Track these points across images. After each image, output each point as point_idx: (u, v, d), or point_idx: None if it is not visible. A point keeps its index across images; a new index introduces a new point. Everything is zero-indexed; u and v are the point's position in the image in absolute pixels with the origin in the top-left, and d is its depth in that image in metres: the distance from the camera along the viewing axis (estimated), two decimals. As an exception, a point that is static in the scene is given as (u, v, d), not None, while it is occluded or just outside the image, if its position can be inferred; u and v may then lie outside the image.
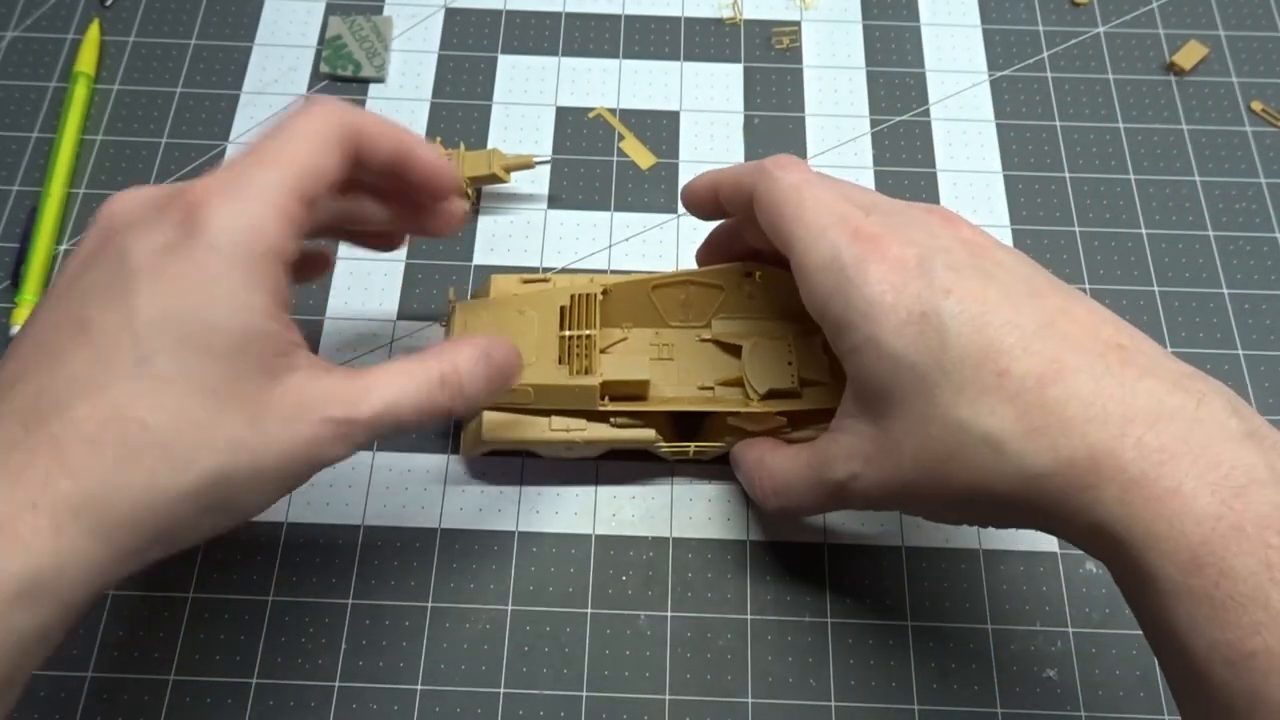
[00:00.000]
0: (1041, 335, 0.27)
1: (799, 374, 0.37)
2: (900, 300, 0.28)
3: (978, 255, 0.29)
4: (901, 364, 0.28)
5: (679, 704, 0.36)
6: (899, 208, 0.31)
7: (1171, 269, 0.45)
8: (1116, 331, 0.28)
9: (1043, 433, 0.26)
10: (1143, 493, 0.24)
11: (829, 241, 0.29)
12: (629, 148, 0.48)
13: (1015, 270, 0.29)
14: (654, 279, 0.38)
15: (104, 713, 0.36)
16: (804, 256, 0.30)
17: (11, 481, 0.22)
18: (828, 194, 0.31)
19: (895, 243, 0.29)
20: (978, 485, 0.27)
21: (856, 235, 0.29)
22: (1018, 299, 0.28)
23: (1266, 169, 0.47)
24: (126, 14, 0.51)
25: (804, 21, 0.51)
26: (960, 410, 0.27)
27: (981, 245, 0.30)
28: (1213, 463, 0.24)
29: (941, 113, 0.49)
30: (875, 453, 0.29)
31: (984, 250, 0.29)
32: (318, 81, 0.49)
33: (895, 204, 0.32)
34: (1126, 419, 0.25)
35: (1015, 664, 0.37)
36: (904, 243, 0.29)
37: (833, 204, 0.30)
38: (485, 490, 0.40)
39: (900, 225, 0.30)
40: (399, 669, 0.37)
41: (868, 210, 0.31)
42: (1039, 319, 0.27)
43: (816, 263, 0.30)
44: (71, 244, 0.45)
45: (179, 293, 0.24)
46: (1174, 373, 0.27)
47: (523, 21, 0.51)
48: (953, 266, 0.28)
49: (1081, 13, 0.52)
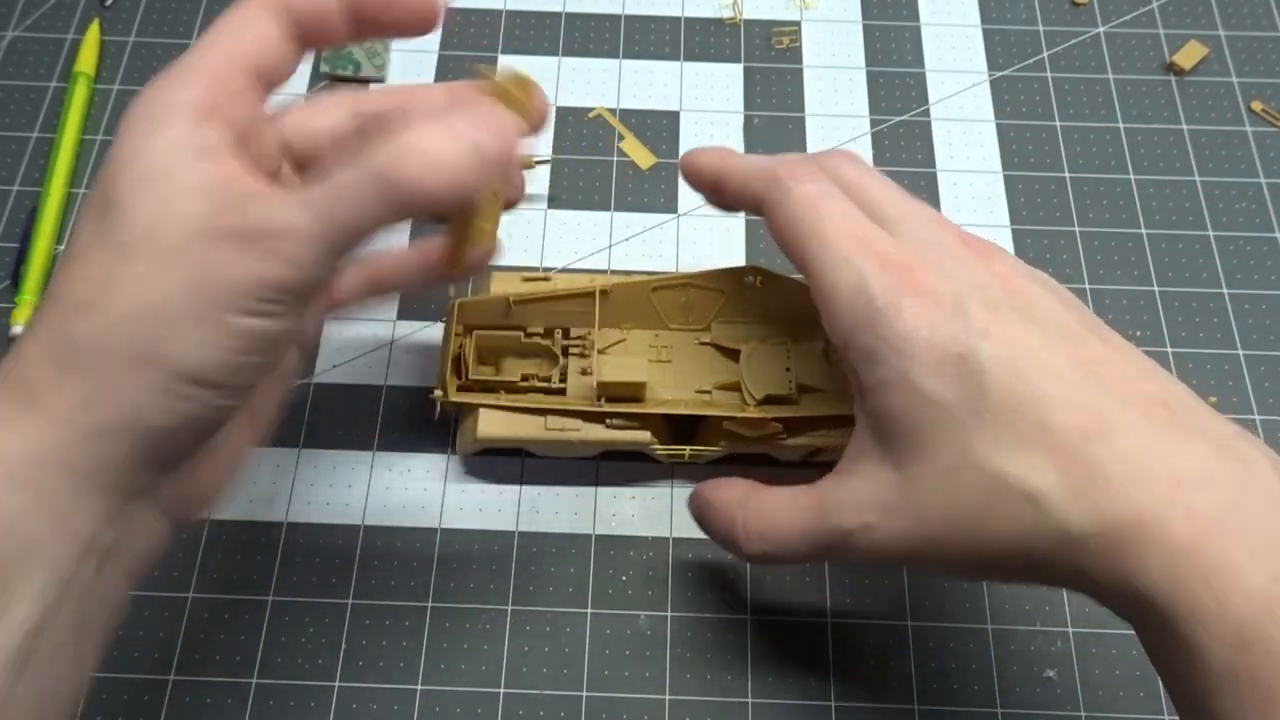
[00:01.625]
0: (1083, 386, 0.25)
1: (797, 380, 0.37)
2: (936, 338, 0.26)
3: (1014, 293, 0.27)
4: (935, 405, 0.26)
5: (679, 704, 0.36)
6: (922, 223, 0.29)
7: (1171, 269, 0.45)
8: (1160, 387, 0.26)
9: (1086, 492, 0.24)
10: (1190, 562, 0.23)
11: (853, 268, 0.27)
12: (629, 148, 0.48)
13: (1053, 311, 0.28)
14: (654, 280, 0.38)
15: (104, 713, 0.36)
16: (826, 281, 0.28)
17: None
18: (848, 210, 0.29)
19: (927, 274, 0.27)
20: (1012, 544, 0.25)
21: (884, 263, 0.27)
22: (1057, 343, 0.26)
23: (1266, 169, 0.47)
24: (126, 14, 0.51)
25: (804, 21, 0.51)
26: (997, 460, 0.25)
27: (1017, 282, 0.28)
28: (1263, 535, 0.23)
29: (941, 113, 0.49)
30: (897, 502, 0.27)
31: (1020, 288, 0.28)
32: (318, 81, 0.49)
33: (918, 215, 0.30)
34: (1174, 483, 0.24)
35: (1015, 664, 0.37)
36: (937, 274, 0.27)
37: (854, 224, 0.28)
38: (485, 490, 0.40)
39: (930, 253, 0.28)
40: (399, 669, 0.37)
41: (892, 228, 0.29)
42: (1080, 368, 0.26)
43: (841, 290, 0.28)
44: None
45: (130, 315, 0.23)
46: (1220, 434, 0.25)
47: (523, 21, 0.51)
48: (989, 305, 0.27)
49: (1081, 13, 0.52)
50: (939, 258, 0.28)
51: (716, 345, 0.39)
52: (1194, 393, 0.27)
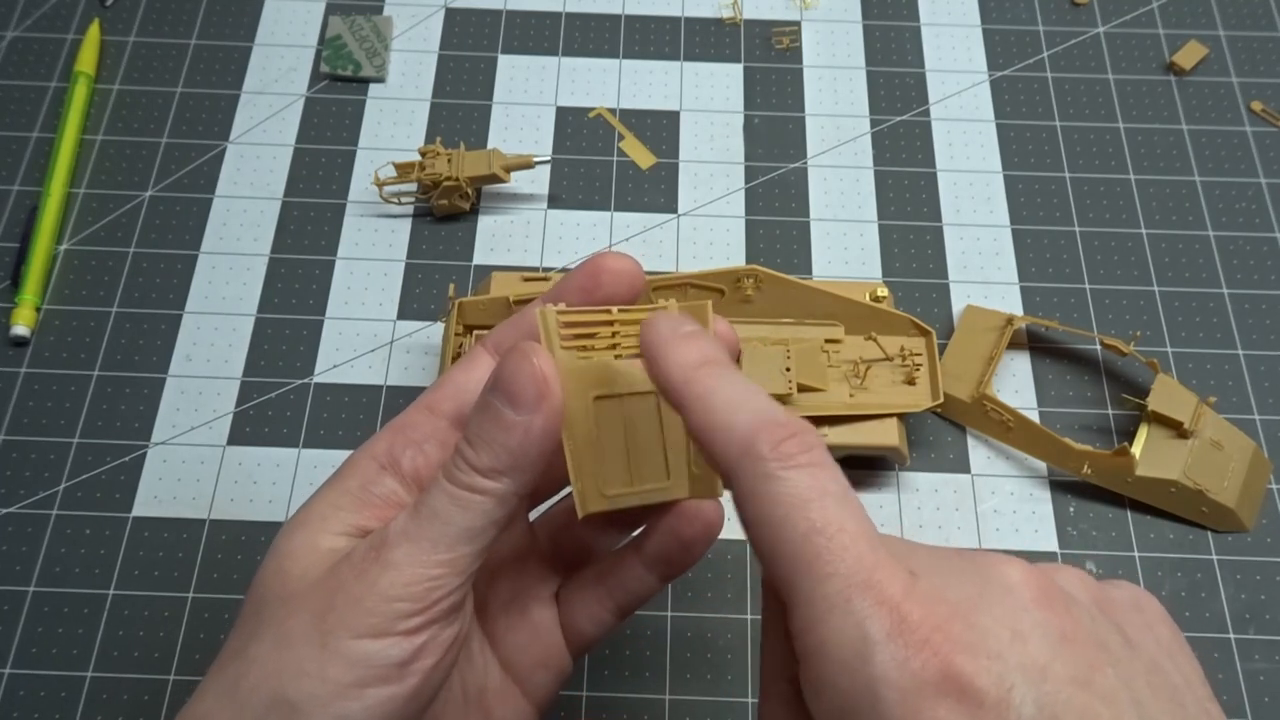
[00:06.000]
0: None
1: (797, 380, 0.37)
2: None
3: (1089, 684, 0.19)
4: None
5: (679, 704, 0.36)
6: (952, 560, 0.21)
7: (1171, 269, 0.45)
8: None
9: None
10: None
11: (853, 618, 0.19)
12: (629, 148, 0.48)
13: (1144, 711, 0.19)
14: (654, 280, 0.38)
15: (104, 713, 0.36)
16: (813, 629, 0.19)
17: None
18: (860, 522, 0.20)
19: (961, 649, 0.18)
20: None
21: (900, 623, 0.19)
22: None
23: (1266, 169, 0.47)
24: (126, 14, 0.51)
25: (804, 21, 0.51)
26: None
27: (1096, 661, 0.19)
28: None
29: (941, 113, 0.49)
30: None
31: (1099, 671, 0.19)
32: (318, 81, 0.49)
33: (946, 554, 0.21)
34: None
35: (1015, 664, 0.37)
36: (976, 650, 0.18)
37: (865, 549, 0.20)
38: (485, 490, 0.40)
39: (966, 599, 0.19)
40: (399, 669, 0.37)
41: (908, 562, 0.20)
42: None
43: (832, 653, 0.19)
44: (71, 244, 0.45)
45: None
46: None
47: (523, 21, 0.51)
48: (1052, 709, 0.18)
49: (1081, 13, 0.52)
50: (977, 601, 0.20)
51: (716, 345, 0.39)
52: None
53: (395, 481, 0.25)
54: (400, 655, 0.23)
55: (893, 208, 0.46)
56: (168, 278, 0.44)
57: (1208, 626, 0.38)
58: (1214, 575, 0.39)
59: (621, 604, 0.29)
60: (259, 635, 0.23)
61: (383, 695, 0.23)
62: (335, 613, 0.23)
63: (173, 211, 0.46)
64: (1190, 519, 0.39)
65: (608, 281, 0.27)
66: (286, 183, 0.46)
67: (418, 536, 0.23)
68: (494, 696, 0.27)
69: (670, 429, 0.25)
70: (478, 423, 0.23)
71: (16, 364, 0.42)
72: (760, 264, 0.39)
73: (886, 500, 0.40)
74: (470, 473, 0.23)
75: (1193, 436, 0.39)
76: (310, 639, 0.22)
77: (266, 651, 0.23)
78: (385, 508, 0.25)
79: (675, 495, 0.26)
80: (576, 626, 0.28)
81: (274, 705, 0.22)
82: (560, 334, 0.24)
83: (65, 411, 0.41)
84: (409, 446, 0.26)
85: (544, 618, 0.28)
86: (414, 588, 0.23)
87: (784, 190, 0.47)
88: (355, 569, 0.23)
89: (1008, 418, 0.40)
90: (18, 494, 0.40)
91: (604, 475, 0.25)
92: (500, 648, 0.28)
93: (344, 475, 0.26)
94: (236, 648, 0.24)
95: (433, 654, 0.23)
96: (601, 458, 0.25)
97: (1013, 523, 0.40)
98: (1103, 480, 0.39)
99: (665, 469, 0.25)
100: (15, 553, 0.38)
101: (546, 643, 0.28)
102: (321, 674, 0.22)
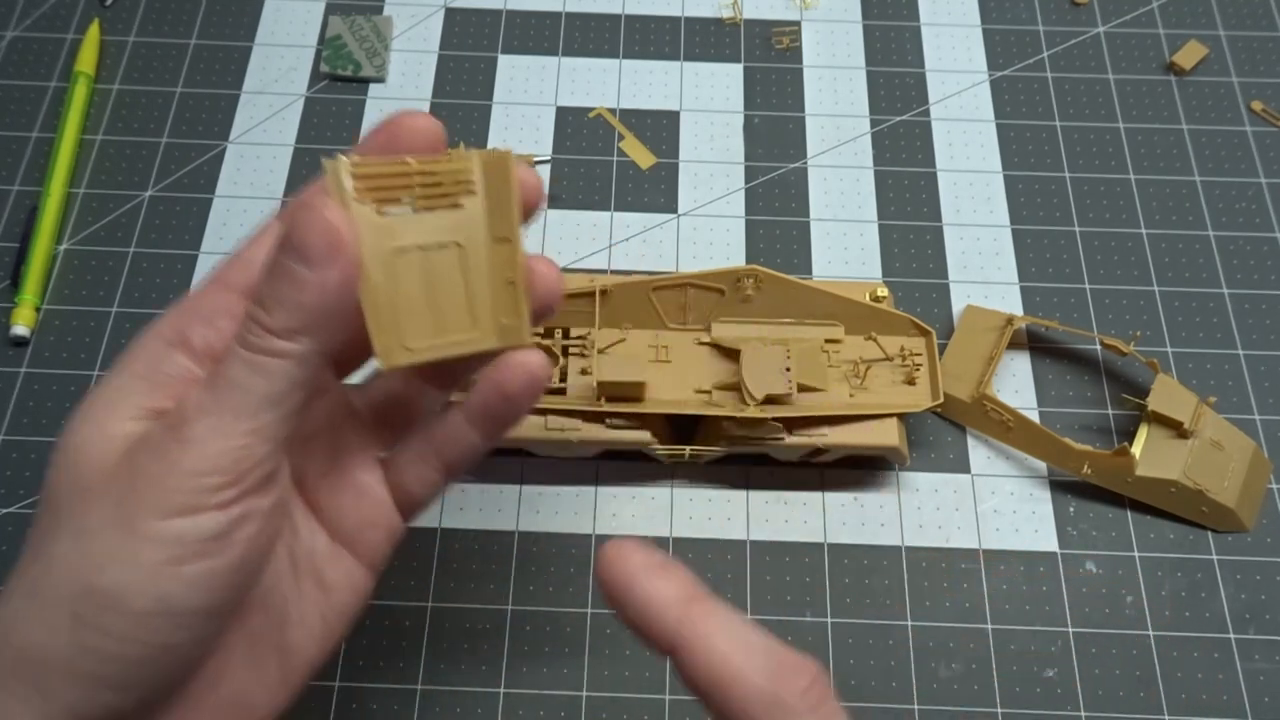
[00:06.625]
0: None
1: (797, 380, 0.37)
2: None
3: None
4: None
5: (679, 704, 0.36)
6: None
7: (1171, 269, 0.45)
8: None
9: None
10: None
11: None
12: (629, 148, 0.48)
13: None
14: (654, 280, 0.38)
15: (104, 713, 0.36)
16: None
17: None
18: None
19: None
20: None
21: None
22: None
23: (1266, 169, 0.47)
24: (126, 14, 0.51)
25: (804, 21, 0.51)
26: None
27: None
28: None
29: (941, 113, 0.49)
30: None
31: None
32: (318, 81, 0.49)
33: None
34: None
35: (1015, 664, 0.37)
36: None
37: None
38: (485, 490, 0.40)
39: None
40: (399, 669, 0.37)
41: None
42: None
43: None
44: (71, 244, 0.45)
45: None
46: None
47: (523, 21, 0.51)
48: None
49: (1081, 13, 0.52)
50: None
51: (716, 345, 0.39)
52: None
53: (186, 358, 0.24)
54: (215, 528, 0.22)
55: (893, 208, 0.46)
56: (168, 278, 0.44)
57: (1208, 626, 0.38)
58: (1214, 575, 0.39)
59: (448, 462, 0.28)
60: (55, 533, 0.22)
61: (202, 569, 0.22)
62: (137, 495, 0.22)
63: (173, 211, 0.46)
64: (1190, 519, 0.39)
65: (406, 139, 0.25)
66: (286, 183, 0.46)
67: (217, 409, 0.22)
68: (324, 560, 0.27)
69: (475, 279, 0.25)
70: (269, 283, 0.22)
71: (16, 364, 0.42)
72: (760, 264, 0.39)
73: (886, 500, 0.40)
74: (265, 335, 0.22)
75: (1193, 436, 0.39)
76: (115, 526, 0.22)
77: (68, 547, 0.22)
78: (178, 386, 0.24)
79: (484, 346, 0.25)
80: (405, 487, 0.28)
81: (84, 596, 0.21)
82: (355, 188, 0.23)
83: (65, 411, 0.41)
84: (198, 322, 0.24)
85: (368, 481, 0.27)
86: (221, 460, 0.22)
87: (784, 190, 0.47)
88: (154, 450, 0.22)
89: (1008, 418, 0.40)
90: (18, 494, 0.40)
91: (406, 328, 0.24)
92: (324, 514, 0.27)
93: (129, 359, 0.24)
94: (34, 551, 0.23)
95: (253, 523, 0.23)
96: (403, 311, 0.24)
97: (1013, 523, 0.40)
98: (1103, 480, 0.39)
99: (471, 319, 0.25)
100: (15, 553, 0.38)
101: (373, 504, 0.27)
102: (133, 559, 0.21)
